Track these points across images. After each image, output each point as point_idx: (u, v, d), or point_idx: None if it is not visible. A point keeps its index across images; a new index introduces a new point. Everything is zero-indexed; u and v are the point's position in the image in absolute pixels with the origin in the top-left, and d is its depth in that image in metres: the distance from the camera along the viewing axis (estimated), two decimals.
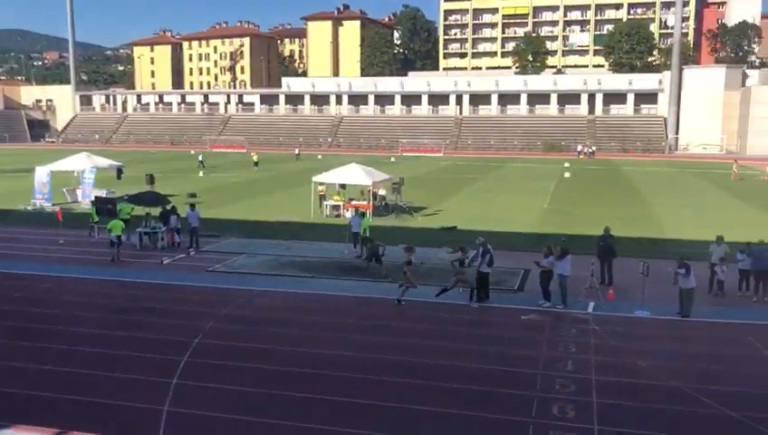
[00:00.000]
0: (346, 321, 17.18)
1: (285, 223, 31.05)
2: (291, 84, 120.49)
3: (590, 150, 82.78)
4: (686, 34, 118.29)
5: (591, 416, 11.55)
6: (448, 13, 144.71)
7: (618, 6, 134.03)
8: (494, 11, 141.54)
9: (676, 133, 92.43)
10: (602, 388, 12.75)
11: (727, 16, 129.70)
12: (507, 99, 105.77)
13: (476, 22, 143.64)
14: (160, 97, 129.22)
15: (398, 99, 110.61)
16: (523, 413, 11.63)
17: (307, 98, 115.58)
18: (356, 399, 12.26)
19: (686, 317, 17.11)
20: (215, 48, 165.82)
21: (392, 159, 74.27)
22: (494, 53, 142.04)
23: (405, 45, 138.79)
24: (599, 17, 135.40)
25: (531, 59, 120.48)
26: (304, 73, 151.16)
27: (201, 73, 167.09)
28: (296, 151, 79.75)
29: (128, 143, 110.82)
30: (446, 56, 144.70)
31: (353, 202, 33.06)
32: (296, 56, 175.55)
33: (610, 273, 20.42)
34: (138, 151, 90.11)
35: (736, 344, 15.51)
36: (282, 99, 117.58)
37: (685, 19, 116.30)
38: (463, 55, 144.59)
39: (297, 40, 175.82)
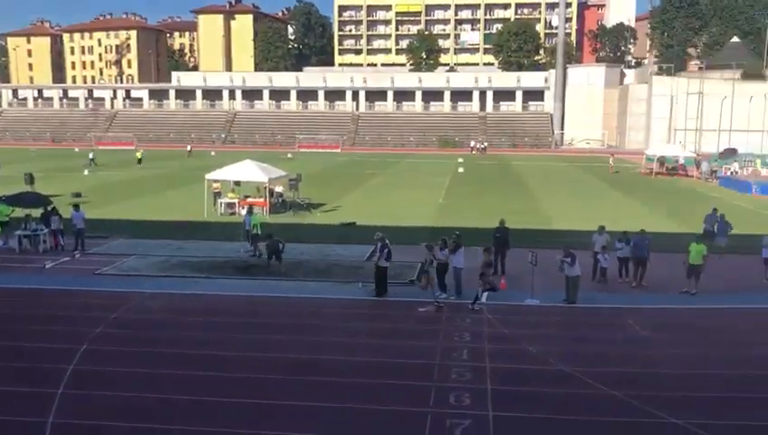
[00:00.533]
0: (243, 321, 16.88)
1: (177, 222, 30.09)
2: (181, 79, 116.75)
3: (483, 146, 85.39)
4: (569, 34, 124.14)
5: (486, 402, 11.94)
6: (343, 9, 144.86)
7: (506, 6, 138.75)
8: (387, 8, 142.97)
9: (562, 129, 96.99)
10: (496, 375, 13.21)
11: (606, 18, 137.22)
12: (402, 96, 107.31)
13: (371, 19, 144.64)
14: (39, 92, 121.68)
15: (293, 94, 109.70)
16: (421, 403, 11.86)
17: (199, 93, 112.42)
18: (258, 399, 12.08)
19: (572, 304, 18.02)
20: (99, 41, 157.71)
21: (289, 156, 73.61)
22: (389, 50, 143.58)
23: (299, 41, 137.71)
24: (488, 17, 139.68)
25: (424, 57, 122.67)
26: (195, 68, 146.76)
27: (85, 67, 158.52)
28: (188, 148, 77.39)
29: (4, 141, 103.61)
30: (341, 52, 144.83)
31: (249, 199, 32.49)
32: (186, 50, 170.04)
33: (504, 263, 21.17)
34: (15, 150, 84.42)
35: (618, 328, 16.50)
36: (172, 94, 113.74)
37: (568, 20, 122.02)
38: (358, 52, 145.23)
39: (187, 33, 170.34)
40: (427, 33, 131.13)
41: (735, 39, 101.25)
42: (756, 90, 72.83)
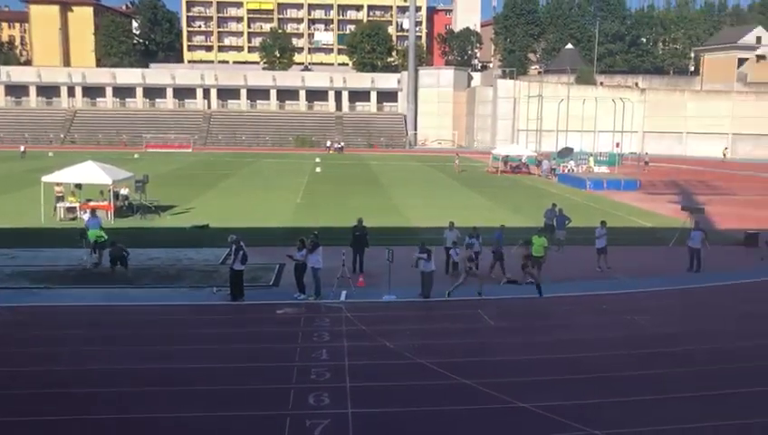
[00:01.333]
0: (84, 333, 15.76)
1: (10, 230, 27.60)
2: (11, 74, 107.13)
3: (339, 146, 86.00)
4: (419, 38, 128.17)
5: (346, 400, 11.98)
6: (191, 4, 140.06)
7: (358, 8, 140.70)
8: (238, 5, 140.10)
9: (415, 129, 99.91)
10: (355, 372, 13.29)
11: (454, 23, 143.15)
12: (256, 94, 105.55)
13: (221, 15, 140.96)
14: None
15: (139, 91, 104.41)
16: (280, 406, 11.67)
17: (33, 89, 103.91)
18: (108, 415, 11.31)
19: (427, 298, 18.56)
20: None
21: (136, 156, 70.00)
22: (241, 48, 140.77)
23: (145, 36, 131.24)
24: (341, 17, 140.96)
25: (278, 55, 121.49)
26: (29, 62, 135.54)
27: None
28: (21, 149, 71.31)
29: None
30: (190, 48, 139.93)
31: (91, 203, 30.43)
32: (17, 43, 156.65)
33: (362, 262, 21.39)
34: None
35: (470, 319, 17.21)
36: (1, 90, 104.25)
37: (418, 23, 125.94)
38: (209, 48, 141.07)
39: (18, 25, 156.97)
40: (280, 31, 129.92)
41: (570, 46, 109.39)
42: (588, 93, 79.03)
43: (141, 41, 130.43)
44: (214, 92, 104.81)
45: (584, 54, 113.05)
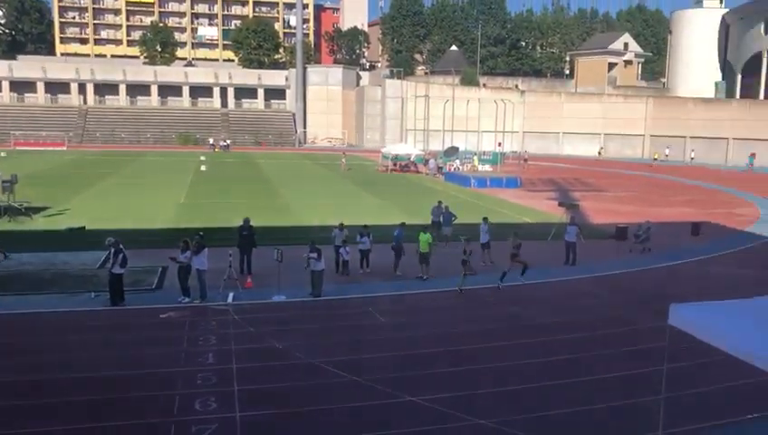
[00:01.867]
0: None
1: None
2: None
3: (226, 144, 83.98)
4: (307, 35, 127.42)
5: (233, 404, 11.70)
6: None
7: (244, 3, 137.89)
8: None
9: (304, 127, 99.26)
10: (243, 375, 13.01)
11: (342, 21, 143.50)
12: (137, 90, 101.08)
13: (97, 6, 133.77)
14: None
15: (6, 85, 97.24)
16: (164, 414, 11.23)
17: None
18: None
19: (317, 297, 18.47)
20: None
21: (2, 154, 65.20)
22: (120, 41, 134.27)
23: (11, 26, 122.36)
24: (226, 12, 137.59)
25: (159, 50, 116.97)
26: None
27: None
28: None
29: None
30: (63, 41, 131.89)
31: None
32: None
33: (250, 262, 20.97)
34: None
35: (360, 316, 17.30)
36: None
37: (305, 21, 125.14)
38: (84, 41, 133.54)
39: None
40: (161, 25, 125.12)
41: (454, 48, 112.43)
42: (472, 94, 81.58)
43: (7, 31, 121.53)
44: (90, 87, 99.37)
45: (468, 56, 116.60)
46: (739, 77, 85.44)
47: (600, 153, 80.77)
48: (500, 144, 72.62)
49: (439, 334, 15.94)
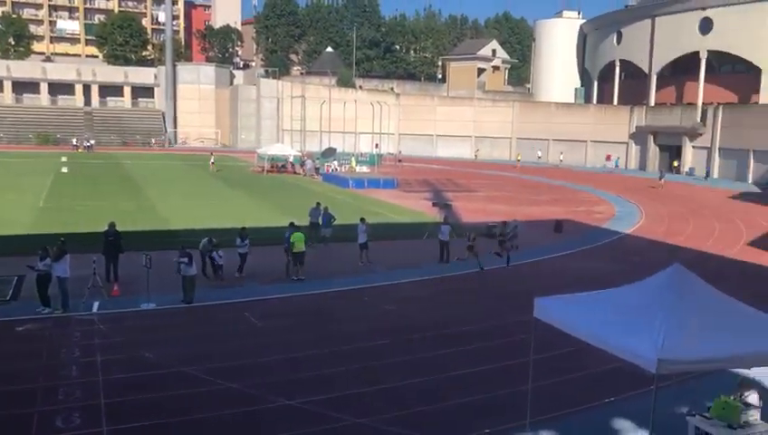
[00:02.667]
0: None
1: None
2: None
3: (89, 144, 79.38)
4: (177, 32, 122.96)
5: (100, 417, 11.06)
6: None
7: None
8: None
9: (175, 127, 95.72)
10: (110, 387, 12.32)
11: (213, 19, 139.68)
12: None
13: None
14: None
15: None
16: (22, 433, 10.41)
17: None
18: None
19: (190, 303, 17.83)
20: None
21: None
22: None
23: None
24: (88, 6, 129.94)
25: (13, 43, 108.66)
26: None
27: None
28: None
29: None
30: None
31: None
32: None
33: (116, 269, 19.91)
34: None
35: (236, 322, 16.89)
36: None
37: (175, 17, 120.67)
38: None
39: None
40: (14, 16, 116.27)
41: (330, 49, 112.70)
42: (349, 96, 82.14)
43: None
44: None
45: (344, 58, 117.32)
46: (596, 84, 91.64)
47: (476, 155, 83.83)
48: (377, 145, 73.63)
49: (317, 337, 15.87)
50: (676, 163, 69.66)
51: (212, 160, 58.50)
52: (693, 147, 69.11)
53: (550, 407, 11.84)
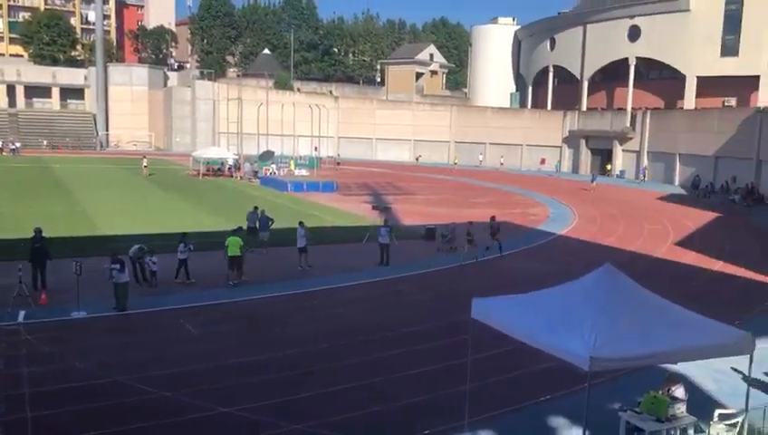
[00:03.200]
0: None
1: None
2: None
3: (14, 147, 76.18)
4: (108, 32, 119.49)
5: (26, 432, 10.60)
6: None
7: None
8: None
9: (107, 130, 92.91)
10: (37, 400, 11.84)
11: (146, 19, 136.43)
12: None
13: None
14: None
15: None
16: None
17: None
18: None
19: (122, 311, 17.31)
20: None
21: None
22: None
23: None
24: (12, 3, 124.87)
25: None
26: None
27: None
28: None
29: None
30: None
31: None
32: None
33: (44, 276, 19.15)
34: None
35: (171, 329, 16.49)
36: None
37: (106, 17, 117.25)
38: None
39: None
40: None
41: (267, 51, 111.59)
42: (287, 99, 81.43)
43: None
44: None
45: (281, 60, 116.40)
46: (530, 89, 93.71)
47: (417, 159, 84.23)
48: (316, 148, 73.28)
49: (255, 342, 15.66)
50: (609, 166, 71.78)
51: (144, 164, 56.87)
52: (623, 150, 71.47)
53: (488, 406, 12.01)
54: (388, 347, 15.55)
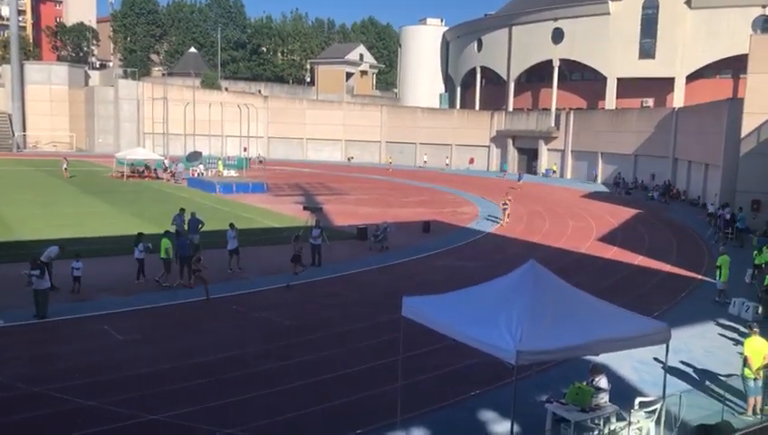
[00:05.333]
0: None
1: None
2: None
3: None
4: (24, 29, 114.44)
5: None
6: None
7: None
8: None
9: (24, 130, 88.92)
10: None
11: (65, 16, 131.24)
12: None
13: None
14: None
15: None
16: None
17: None
18: None
19: (43, 319, 16.63)
20: None
21: None
22: None
23: None
24: None
25: None
26: None
27: None
28: None
29: None
30: None
31: None
32: None
33: None
34: None
35: (95, 336, 15.93)
36: None
37: (21, 12, 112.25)
38: None
39: None
40: None
41: (193, 50, 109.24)
42: (214, 98, 79.94)
43: None
44: None
45: (208, 60, 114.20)
46: (459, 89, 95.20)
47: (349, 159, 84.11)
48: (245, 149, 72.26)
49: (183, 348, 15.31)
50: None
51: (65, 166, 54.61)
52: (548, 149, 73.51)
53: (419, 404, 12.14)
54: (319, 348, 15.49)
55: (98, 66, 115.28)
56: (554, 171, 70.85)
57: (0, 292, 16.49)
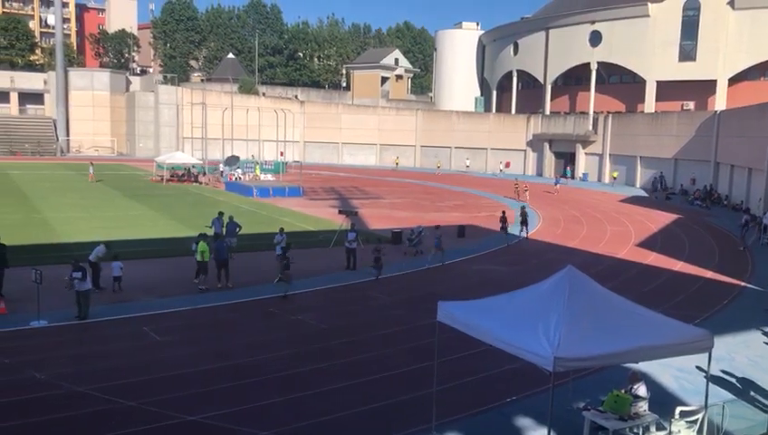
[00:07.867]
0: None
1: None
2: None
3: None
4: (68, 36, 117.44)
5: None
6: None
7: None
8: None
9: (68, 135, 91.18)
10: None
11: (108, 23, 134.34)
12: None
13: None
14: None
15: None
16: None
17: None
18: None
19: (84, 319, 17.00)
20: None
21: None
22: None
23: None
24: None
25: None
26: None
27: None
28: None
29: None
30: None
31: None
32: None
33: (0, 285, 18.69)
34: None
35: (135, 337, 16.22)
36: None
37: (66, 20, 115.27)
38: None
39: None
40: None
41: (231, 56, 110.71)
42: (251, 103, 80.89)
43: None
44: None
45: (246, 65, 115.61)
46: (495, 93, 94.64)
47: (396, 163, 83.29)
48: (282, 153, 72.91)
49: (220, 349, 15.49)
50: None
51: (91, 171, 54.84)
52: (585, 154, 72.55)
53: (454, 409, 12.07)
54: (355, 352, 15.52)
55: (138, 72, 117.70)
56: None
57: (44, 293, 16.86)
